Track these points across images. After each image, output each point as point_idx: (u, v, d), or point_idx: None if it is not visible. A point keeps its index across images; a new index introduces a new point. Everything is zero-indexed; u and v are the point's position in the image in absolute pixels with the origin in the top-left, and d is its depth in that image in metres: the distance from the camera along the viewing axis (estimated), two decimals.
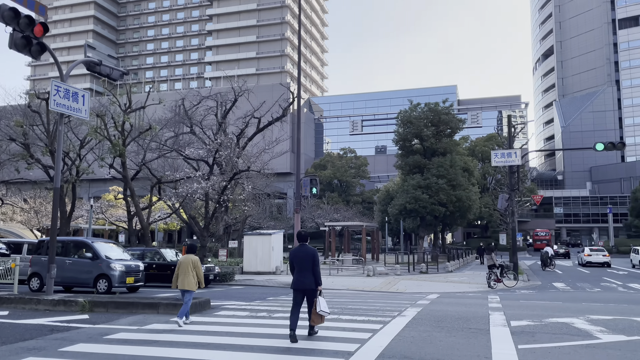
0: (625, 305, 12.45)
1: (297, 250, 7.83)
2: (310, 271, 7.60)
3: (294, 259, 7.75)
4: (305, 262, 7.62)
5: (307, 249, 7.80)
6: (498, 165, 23.16)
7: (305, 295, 7.70)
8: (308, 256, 7.66)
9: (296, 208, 19.43)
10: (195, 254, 9.60)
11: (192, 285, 9.19)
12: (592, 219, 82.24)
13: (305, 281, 7.61)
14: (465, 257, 36.52)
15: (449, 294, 15.74)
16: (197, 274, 9.28)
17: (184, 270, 9.21)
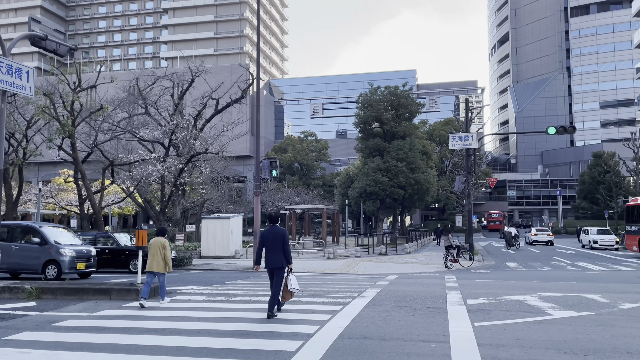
0: (575, 283, 12.94)
1: (268, 231, 8.11)
2: (281, 250, 7.96)
3: (265, 240, 8.06)
4: (276, 241, 7.97)
5: (278, 229, 8.09)
6: (455, 148, 23.54)
7: (275, 272, 8.02)
8: (278, 236, 8.00)
9: (256, 191, 19.14)
10: (164, 237, 9.71)
11: (161, 267, 9.36)
12: (542, 201, 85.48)
13: (275, 260, 7.97)
14: (423, 239, 37.25)
15: (407, 275, 15.95)
16: (165, 256, 9.41)
17: (153, 252, 9.37)
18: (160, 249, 9.41)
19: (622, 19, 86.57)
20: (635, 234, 24.06)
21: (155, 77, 31.63)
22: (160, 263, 9.36)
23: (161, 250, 9.41)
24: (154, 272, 9.47)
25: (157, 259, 9.36)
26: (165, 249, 9.45)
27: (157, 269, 9.38)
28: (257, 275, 15.99)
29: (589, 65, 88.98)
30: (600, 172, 61.96)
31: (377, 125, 32.41)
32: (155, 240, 9.49)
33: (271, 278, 8.07)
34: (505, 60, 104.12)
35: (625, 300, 9.42)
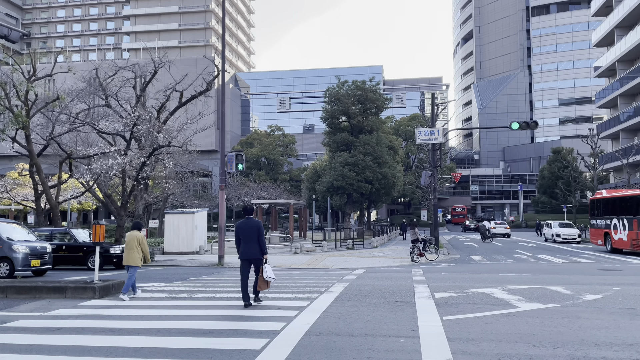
0: (538, 275, 13.13)
1: (243, 223, 8.32)
2: (256, 242, 8.17)
3: (240, 231, 8.25)
4: (251, 233, 8.18)
5: (252, 221, 8.29)
6: (422, 142, 23.67)
7: (251, 264, 8.27)
8: (253, 228, 8.20)
9: (221, 185, 18.70)
10: (140, 231, 9.94)
11: (137, 260, 9.58)
12: (504, 196, 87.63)
13: (251, 251, 8.18)
14: (389, 233, 37.50)
15: (375, 269, 15.89)
16: (142, 250, 9.69)
17: (129, 246, 9.60)
18: (136, 242, 9.61)
19: (581, 19, 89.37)
20: (599, 227, 23.95)
21: (116, 67, 30.56)
22: (136, 257, 9.57)
23: (137, 244, 9.61)
24: (129, 265, 9.72)
25: (132, 253, 9.56)
26: (142, 243, 9.67)
27: (132, 262, 9.58)
28: (221, 271, 15.64)
29: (549, 63, 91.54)
30: (560, 168, 63.90)
31: (345, 119, 32.32)
32: (131, 235, 9.71)
33: (247, 269, 8.28)
34: (469, 57, 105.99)
35: (587, 292, 9.56)
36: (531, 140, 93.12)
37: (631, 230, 20.51)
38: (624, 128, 40.00)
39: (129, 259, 9.61)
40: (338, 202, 40.62)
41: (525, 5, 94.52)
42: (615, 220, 22.02)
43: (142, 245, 9.69)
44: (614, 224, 22.09)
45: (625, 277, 12.52)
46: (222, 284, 11.73)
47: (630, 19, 39.57)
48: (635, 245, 20.28)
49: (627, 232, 20.86)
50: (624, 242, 21.23)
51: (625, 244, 21.14)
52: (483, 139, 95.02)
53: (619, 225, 21.63)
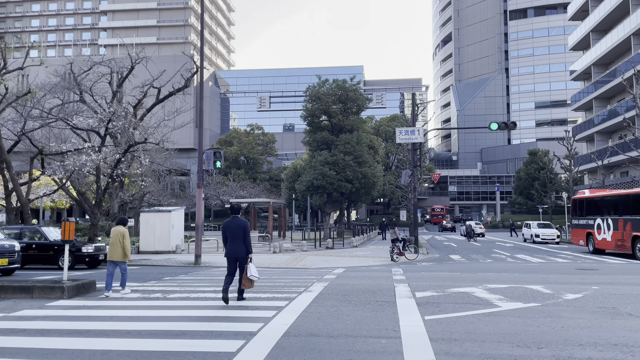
0: (517, 274, 13.14)
1: (230, 222, 8.43)
2: (242, 241, 8.29)
3: (227, 230, 8.37)
4: (237, 232, 8.30)
5: (239, 220, 8.44)
6: (402, 142, 23.63)
7: (237, 262, 8.36)
8: (240, 227, 8.34)
9: (199, 182, 18.30)
10: (125, 226, 9.95)
11: (120, 255, 9.65)
12: (481, 197, 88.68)
13: (236, 250, 8.29)
14: (369, 233, 37.45)
15: (354, 268, 15.73)
16: (123, 246, 9.68)
17: (114, 242, 9.66)
18: (120, 238, 9.64)
19: (557, 24, 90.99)
20: (582, 227, 23.42)
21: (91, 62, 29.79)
22: (120, 252, 9.65)
23: (120, 239, 9.63)
24: (115, 262, 9.75)
25: (117, 248, 9.63)
26: (124, 238, 9.67)
27: (117, 258, 9.65)
28: (198, 271, 15.28)
29: (526, 67, 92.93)
30: (536, 169, 64.91)
31: (325, 118, 32.15)
32: (115, 230, 9.75)
33: (233, 267, 8.38)
34: (448, 59, 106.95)
35: (567, 291, 9.54)
36: (508, 142, 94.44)
37: (616, 230, 19.86)
38: (599, 130, 40.75)
39: (114, 255, 9.67)
40: (318, 202, 40.43)
41: (503, 9, 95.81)
42: (599, 220, 21.41)
43: (125, 240, 9.69)
44: (598, 224, 21.50)
45: (603, 276, 12.60)
46: (198, 283, 11.40)
47: (605, 23, 40.34)
48: (620, 246, 19.61)
49: (611, 232, 20.23)
50: (608, 242, 20.66)
51: (610, 244, 20.58)
52: (461, 141, 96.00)
53: (603, 225, 21.01)
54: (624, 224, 19.23)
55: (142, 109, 30.93)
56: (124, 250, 9.68)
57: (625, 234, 19.18)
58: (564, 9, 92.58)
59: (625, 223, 19.20)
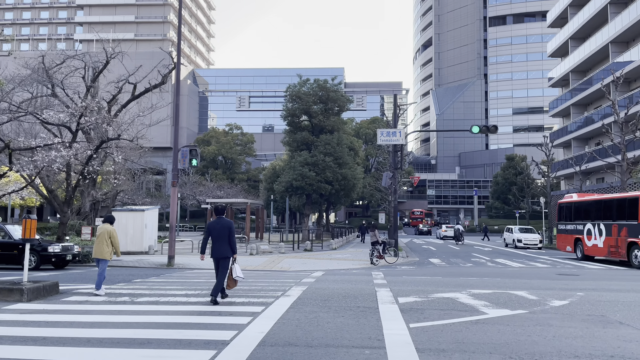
0: (499, 279, 12.89)
1: (215, 223, 8.44)
2: (227, 241, 8.33)
3: (212, 231, 8.38)
4: (222, 233, 8.32)
5: (224, 221, 8.46)
6: (383, 143, 23.35)
7: (221, 261, 8.38)
8: (225, 228, 8.35)
9: (173, 181, 17.66)
10: (112, 224, 9.83)
11: (106, 254, 9.52)
12: (459, 201, 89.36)
13: (221, 250, 8.33)
14: (348, 235, 37.11)
15: (334, 271, 15.31)
16: (113, 243, 9.63)
17: (100, 240, 9.54)
18: (107, 236, 9.54)
19: (535, 31, 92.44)
20: (569, 233, 22.29)
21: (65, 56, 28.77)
22: (106, 250, 9.53)
23: (107, 237, 9.54)
24: (99, 259, 9.64)
25: (102, 247, 9.52)
26: (112, 237, 9.60)
27: (101, 256, 9.53)
28: (170, 272, 14.66)
29: (504, 73, 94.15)
30: (513, 174, 65.63)
31: (306, 118, 31.69)
32: (102, 228, 9.64)
33: (217, 267, 8.42)
34: (428, 64, 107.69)
35: (552, 297, 9.29)
36: (486, 147, 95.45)
37: (609, 236, 18.84)
38: (576, 137, 41.26)
39: (99, 252, 9.53)
40: (297, 203, 39.93)
41: (482, 15, 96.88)
42: (589, 226, 20.39)
43: (113, 239, 9.60)
44: (588, 230, 20.47)
45: (585, 282, 12.44)
46: (169, 286, 10.82)
47: (584, 31, 40.89)
48: (613, 253, 18.59)
49: (604, 238, 19.23)
50: (600, 249, 19.63)
51: (601, 250, 19.57)
52: (440, 145, 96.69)
53: (593, 230, 19.98)
54: (619, 229, 18.28)
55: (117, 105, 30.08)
56: (112, 247, 9.61)
57: (620, 240, 18.19)
58: (542, 17, 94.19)
59: (620, 228, 18.22)
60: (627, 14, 33.34)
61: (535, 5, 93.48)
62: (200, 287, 10.61)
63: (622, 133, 24.21)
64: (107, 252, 9.53)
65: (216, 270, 8.46)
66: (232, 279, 8.42)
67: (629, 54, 32.83)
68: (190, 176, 60.12)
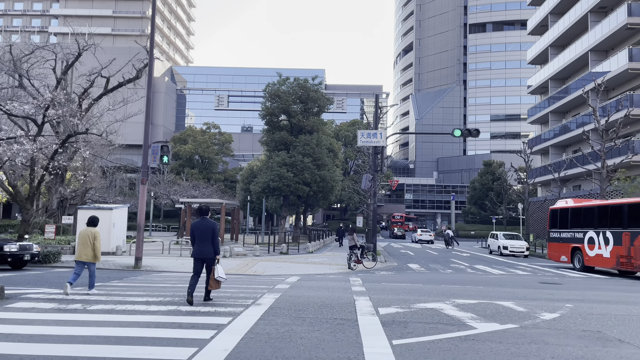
0: (482, 287, 12.36)
1: (199, 223, 8.40)
2: (210, 242, 8.30)
3: (195, 231, 8.35)
4: (205, 233, 8.30)
5: (208, 222, 8.42)
6: (364, 145, 22.76)
7: (204, 263, 8.38)
8: (208, 229, 8.33)
9: (143, 178, 16.70)
10: (96, 227, 9.66)
11: (91, 257, 9.37)
12: (436, 205, 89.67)
13: (204, 250, 8.29)
14: (325, 238, 36.42)
15: (310, 276, 14.59)
16: (94, 247, 9.39)
17: (83, 242, 9.38)
18: (90, 238, 9.40)
19: (514, 39, 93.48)
20: (564, 241, 20.64)
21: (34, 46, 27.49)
22: (90, 253, 9.38)
23: (91, 240, 9.39)
24: (83, 262, 9.44)
25: (87, 250, 9.36)
26: (95, 239, 9.43)
27: (86, 259, 9.37)
28: (136, 276, 13.73)
29: (483, 79, 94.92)
30: (490, 180, 65.91)
31: (285, 118, 30.90)
32: (85, 230, 9.48)
33: (200, 268, 8.41)
34: (408, 68, 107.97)
35: (541, 309, 8.75)
36: (464, 153, 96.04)
37: (618, 245, 17.09)
38: (554, 144, 41.43)
39: (82, 255, 9.38)
40: (274, 205, 39.07)
41: (463, 22, 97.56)
42: (591, 234, 18.77)
43: (95, 241, 9.42)
44: (590, 238, 18.82)
45: (570, 291, 11.99)
46: (130, 291, 9.94)
47: (563, 39, 41.13)
48: (625, 264, 16.85)
49: (611, 247, 17.51)
50: (606, 259, 17.86)
51: (607, 261, 17.81)
52: (419, 149, 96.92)
53: (597, 239, 18.34)
54: (632, 237, 16.49)
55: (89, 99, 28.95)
56: (94, 251, 9.41)
57: (635, 250, 16.36)
58: (521, 26, 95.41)
59: (634, 237, 16.43)
60: (607, 23, 33.56)
61: (515, 13, 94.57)
62: (164, 292, 9.77)
63: (602, 140, 24.12)
64: (92, 255, 9.42)
65: (194, 270, 8.39)
66: (214, 279, 8.34)
67: (608, 63, 33.02)
68: (165, 175, 58.70)
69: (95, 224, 9.67)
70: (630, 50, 31.26)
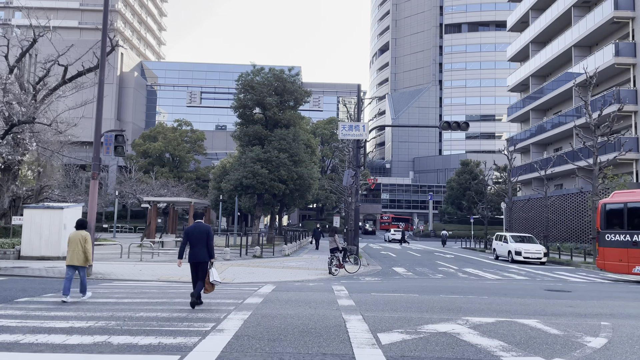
0: (487, 298, 10.65)
1: (194, 228, 8.50)
2: (205, 246, 8.36)
3: (191, 236, 8.41)
4: (200, 238, 8.36)
5: (202, 226, 8.49)
6: (345, 138, 20.95)
7: (198, 266, 8.41)
8: (203, 233, 8.39)
9: (94, 172, 14.48)
10: (86, 230, 9.47)
11: (82, 260, 9.15)
12: (412, 205, 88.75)
13: (199, 255, 8.36)
14: (302, 240, 34.45)
15: (287, 285, 12.66)
16: (85, 250, 9.16)
17: (74, 246, 9.15)
18: (82, 242, 9.17)
19: (489, 40, 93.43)
20: (623, 246, 16.04)
21: None
22: (81, 257, 9.13)
23: (82, 243, 9.16)
24: (74, 266, 9.16)
25: (78, 254, 9.11)
26: (86, 242, 9.21)
27: (77, 263, 9.11)
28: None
29: (458, 80, 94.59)
30: (468, 179, 65.08)
31: (259, 111, 28.82)
32: (76, 234, 9.23)
33: (195, 271, 8.47)
34: (385, 68, 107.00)
35: (577, 329, 7.04)
36: (439, 153, 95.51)
37: None
38: (535, 142, 40.48)
39: (74, 259, 9.08)
40: (247, 204, 36.89)
41: (439, 22, 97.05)
42: None
43: (86, 244, 9.17)
44: None
45: (587, 302, 10.37)
46: (57, 312, 7.82)
47: (545, 35, 40.21)
48: None
49: None
50: None
51: None
52: (395, 149, 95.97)
53: None
54: None
55: (45, 90, 26.65)
56: (85, 254, 9.14)
57: None
58: (495, 27, 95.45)
59: None
60: (592, 17, 32.61)
61: (490, 14, 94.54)
62: (100, 314, 7.66)
63: (594, 136, 22.90)
64: (83, 259, 9.12)
65: (194, 275, 8.50)
66: (209, 283, 8.41)
67: (593, 58, 32.05)
68: (133, 173, 55.77)
69: (84, 226, 9.49)
70: (617, 45, 30.34)
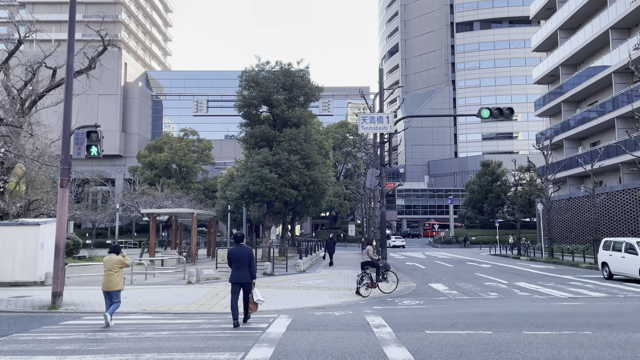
0: (590, 333, 7.54)
1: (236, 250, 8.87)
2: (247, 268, 8.78)
3: (233, 258, 8.82)
4: (243, 260, 8.77)
5: (244, 248, 8.88)
6: (367, 132, 18.00)
7: (241, 287, 8.83)
8: (245, 255, 8.81)
9: (62, 179, 11.66)
10: (118, 254, 9.45)
11: (121, 284, 9.21)
12: (429, 210, 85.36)
13: (242, 276, 8.76)
14: (318, 251, 31.36)
15: (305, 316, 9.66)
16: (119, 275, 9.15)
17: (109, 272, 9.14)
18: (118, 266, 9.16)
19: (502, 37, 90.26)
20: None
21: None
22: (120, 282, 9.18)
23: (118, 267, 9.15)
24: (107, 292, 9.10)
25: (114, 277, 9.11)
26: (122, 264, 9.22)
27: (106, 288, 9.11)
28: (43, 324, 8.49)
29: (472, 79, 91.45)
30: (489, 181, 61.63)
31: (266, 109, 25.91)
32: (110, 259, 9.24)
33: (237, 291, 8.79)
34: (395, 70, 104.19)
35: None
36: (455, 155, 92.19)
37: None
38: (569, 137, 37.08)
39: (111, 285, 9.08)
40: (257, 213, 33.91)
41: (450, 21, 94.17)
42: None
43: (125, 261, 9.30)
44: None
45: None
46: None
47: (575, 19, 36.89)
48: None
49: None
50: None
51: None
52: (409, 153, 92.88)
53: None
54: None
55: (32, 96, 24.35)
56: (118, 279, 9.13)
57: None
58: (509, 23, 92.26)
59: None
60: None
61: (502, 11, 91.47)
62: None
63: None
64: (122, 282, 9.21)
65: (234, 295, 8.74)
66: (253, 302, 8.74)
67: (636, 39, 28.76)
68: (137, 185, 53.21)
69: (118, 251, 9.49)
70: None
